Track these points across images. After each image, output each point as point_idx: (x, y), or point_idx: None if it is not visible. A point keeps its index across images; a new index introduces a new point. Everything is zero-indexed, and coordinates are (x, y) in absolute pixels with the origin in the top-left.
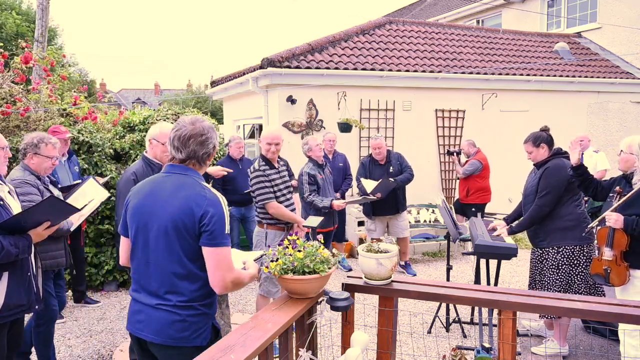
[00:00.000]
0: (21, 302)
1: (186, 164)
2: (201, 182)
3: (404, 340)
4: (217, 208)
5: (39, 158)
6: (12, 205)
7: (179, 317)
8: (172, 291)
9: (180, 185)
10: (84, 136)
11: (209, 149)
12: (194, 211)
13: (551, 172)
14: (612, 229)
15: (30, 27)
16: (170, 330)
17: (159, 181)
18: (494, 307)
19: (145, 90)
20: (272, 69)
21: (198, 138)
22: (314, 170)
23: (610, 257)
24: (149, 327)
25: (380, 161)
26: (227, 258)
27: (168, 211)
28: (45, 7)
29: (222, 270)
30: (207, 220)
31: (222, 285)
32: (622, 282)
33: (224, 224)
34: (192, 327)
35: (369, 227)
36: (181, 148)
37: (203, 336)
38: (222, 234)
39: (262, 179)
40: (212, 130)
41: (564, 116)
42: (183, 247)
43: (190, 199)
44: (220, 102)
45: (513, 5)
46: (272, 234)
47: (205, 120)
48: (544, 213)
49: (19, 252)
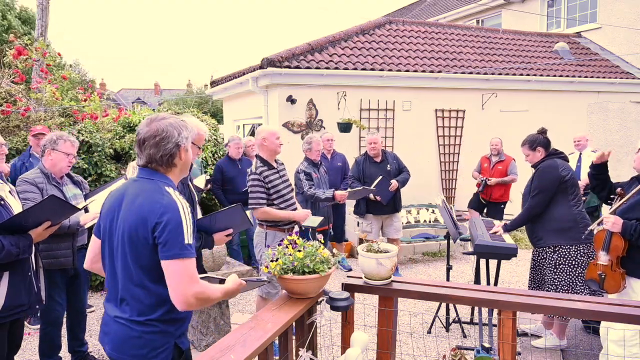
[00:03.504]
0: (21, 302)
1: (151, 167)
2: (163, 187)
3: (404, 340)
4: (172, 215)
5: (57, 154)
6: (13, 204)
7: (134, 332)
8: (127, 304)
9: (139, 193)
10: (83, 136)
11: (167, 150)
12: (148, 220)
13: (542, 172)
14: (610, 233)
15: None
16: (126, 346)
17: (127, 186)
18: (494, 307)
19: (145, 90)
20: (272, 69)
21: (151, 140)
22: (309, 169)
23: (606, 262)
24: (109, 339)
25: (375, 158)
26: (186, 271)
27: (126, 221)
28: (45, 7)
29: (182, 284)
30: (160, 230)
31: (182, 301)
32: (617, 289)
33: (180, 233)
34: (149, 345)
35: (365, 229)
36: (140, 154)
37: (162, 356)
38: (179, 244)
39: (257, 182)
40: (172, 128)
41: (564, 116)
42: (138, 258)
43: (145, 207)
44: (221, 102)
45: (513, 5)
46: (272, 234)
47: (166, 119)
48: (535, 213)
49: (19, 252)
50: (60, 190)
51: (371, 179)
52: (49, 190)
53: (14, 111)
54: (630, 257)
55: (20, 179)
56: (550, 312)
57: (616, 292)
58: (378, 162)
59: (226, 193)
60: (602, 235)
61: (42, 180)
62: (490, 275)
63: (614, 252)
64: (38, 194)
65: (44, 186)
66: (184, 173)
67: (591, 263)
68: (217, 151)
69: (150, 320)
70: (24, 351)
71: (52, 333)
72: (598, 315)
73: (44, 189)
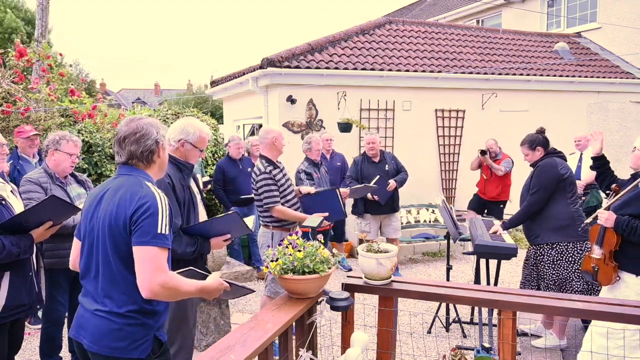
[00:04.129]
0: (22, 302)
1: (131, 164)
2: (143, 182)
3: (404, 340)
4: (149, 204)
5: (59, 154)
6: (15, 204)
7: (115, 325)
8: (108, 297)
9: (119, 187)
10: (83, 136)
11: (147, 146)
12: (127, 209)
13: (541, 170)
14: (603, 227)
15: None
16: (106, 339)
17: (107, 184)
18: (494, 307)
19: (145, 90)
20: (272, 69)
21: (132, 137)
22: (310, 169)
23: (599, 256)
24: (87, 333)
25: (373, 158)
26: (154, 259)
27: (106, 215)
28: (45, 7)
29: (148, 271)
30: (137, 216)
31: (147, 287)
32: (609, 281)
33: (155, 222)
34: (130, 338)
35: (363, 229)
36: (120, 152)
37: (142, 348)
38: (152, 232)
39: (269, 181)
40: (151, 126)
41: (564, 116)
42: (118, 249)
43: (124, 200)
44: (220, 101)
45: (513, 5)
46: (278, 234)
47: (144, 119)
48: (534, 210)
49: (20, 252)
50: (65, 190)
51: (369, 179)
52: (53, 190)
53: (14, 111)
54: (623, 252)
55: (24, 178)
56: (550, 312)
57: (608, 284)
58: (376, 162)
59: (228, 193)
60: (596, 229)
61: (46, 180)
62: (490, 275)
63: (607, 246)
64: (42, 194)
65: (48, 186)
66: (161, 172)
67: (586, 255)
68: (217, 151)
69: (131, 312)
70: (24, 351)
71: (54, 333)
72: (598, 315)
73: (48, 188)
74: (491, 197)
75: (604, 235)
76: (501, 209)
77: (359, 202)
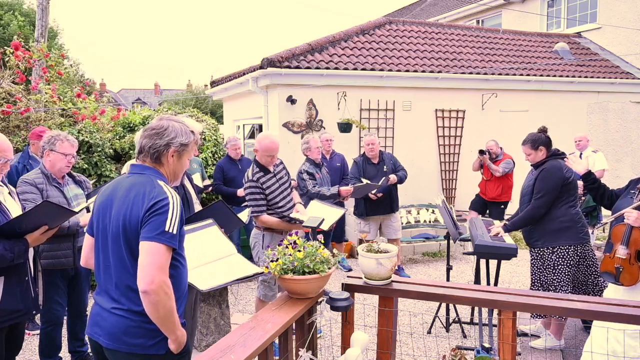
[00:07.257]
0: (17, 307)
1: (143, 161)
2: (155, 180)
3: (404, 340)
4: (161, 202)
5: (54, 155)
6: (12, 207)
7: (133, 322)
8: (125, 295)
9: (131, 187)
10: (83, 136)
11: (157, 145)
12: (139, 211)
13: (547, 174)
14: (630, 227)
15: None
16: (125, 336)
17: (119, 182)
18: (494, 307)
19: (145, 90)
20: (272, 69)
21: (150, 131)
22: (311, 169)
23: (624, 256)
24: (104, 331)
25: (372, 159)
26: (158, 255)
27: (119, 214)
28: (45, 7)
29: (151, 266)
30: (148, 214)
31: (147, 282)
32: (634, 282)
33: (163, 220)
34: (148, 335)
35: (363, 229)
36: (139, 141)
37: (160, 345)
38: (158, 229)
39: (253, 189)
40: (172, 129)
41: (564, 116)
42: (132, 249)
43: (137, 200)
44: (220, 100)
45: (513, 5)
46: (269, 236)
47: (176, 122)
48: (539, 214)
49: (14, 257)
50: (61, 191)
51: (369, 180)
52: (49, 190)
53: (14, 111)
54: None
55: (20, 179)
56: (550, 312)
57: (632, 285)
58: (375, 163)
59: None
60: (621, 229)
61: (42, 181)
62: (490, 275)
63: (633, 245)
64: (38, 195)
65: (44, 187)
66: (174, 179)
67: (606, 256)
68: (217, 151)
69: None
70: (24, 351)
71: (53, 333)
72: (597, 315)
73: (44, 189)
74: (491, 198)
75: (630, 234)
76: (502, 209)
77: (360, 203)
